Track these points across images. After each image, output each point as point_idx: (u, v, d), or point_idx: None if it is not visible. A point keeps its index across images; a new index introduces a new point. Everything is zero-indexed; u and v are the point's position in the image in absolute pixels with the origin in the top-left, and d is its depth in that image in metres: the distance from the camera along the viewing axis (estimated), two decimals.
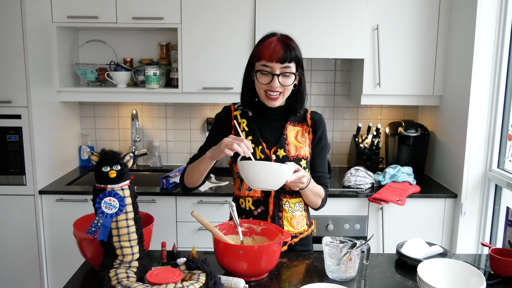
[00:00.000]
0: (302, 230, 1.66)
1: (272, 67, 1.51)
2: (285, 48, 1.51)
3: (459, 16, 2.54)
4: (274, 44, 1.51)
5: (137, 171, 3.03)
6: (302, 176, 1.48)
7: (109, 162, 1.32)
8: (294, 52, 1.52)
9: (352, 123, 3.13)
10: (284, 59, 1.50)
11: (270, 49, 1.50)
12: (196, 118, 3.11)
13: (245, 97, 1.62)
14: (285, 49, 1.50)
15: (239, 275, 1.36)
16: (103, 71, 2.93)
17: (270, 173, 1.42)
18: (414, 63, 2.69)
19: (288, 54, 1.50)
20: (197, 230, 2.57)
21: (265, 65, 1.51)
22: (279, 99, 1.56)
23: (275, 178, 1.43)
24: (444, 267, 1.37)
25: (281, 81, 1.52)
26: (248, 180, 1.45)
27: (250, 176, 1.43)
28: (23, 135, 2.45)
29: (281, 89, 1.53)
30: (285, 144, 1.60)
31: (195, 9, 2.62)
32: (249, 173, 1.43)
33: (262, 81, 1.53)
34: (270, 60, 1.50)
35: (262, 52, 1.51)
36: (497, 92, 2.38)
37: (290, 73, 1.52)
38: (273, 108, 1.60)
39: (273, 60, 1.49)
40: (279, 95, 1.54)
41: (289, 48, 1.51)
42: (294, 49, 1.52)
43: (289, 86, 1.54)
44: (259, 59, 1.53)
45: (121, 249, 1.32)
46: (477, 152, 2.46)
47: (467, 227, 2.51)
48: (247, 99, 1.62)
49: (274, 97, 1.54)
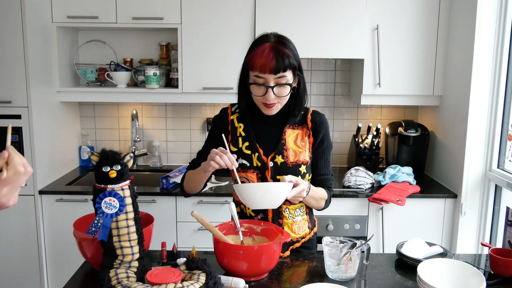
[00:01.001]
0: (304, 234, 1.65)
1: (265, 78, 1.43)
2: (278, 57, 1.41)
3: (459, 16, 2.54)
4: (266, 53, 1.41)
5: (137, 171, 3.03)
6: (302, 190, 1.44)
7: (109, 162, 1.32)
8: (288, 59, 1.42)
9: (352, 123, 3.13)
10: (277, 69, 1.41)
11: (262, 59, 1.41)
12: (196, 118, 3.11)
13: (242, 103, 1.57)
14: (277, 59, 1.40)
15: (239, 275, 1.36)
16: (103, 71, 2.93)
17: (268, 193, 1.36)
18: (414, 63, 2.69)
19: (281, 64, 1.41)
20: (197, 230, 2.57)
21: (258, 76, 1.44)
22: (275, 107, 1.50)
23: (273, 198, 1.38)
24: (444, 267, 1.37)
25: (277, 92, 1.45)
26: (246, 202, 1.40)
27: (248, 198, 1.38)
28: (23, 135, 2.45)
29: (276, 100, 1.48)
30: (284, 150, 1.55)
31: (195, 9, 2.62)
32: (246, 196, 1.38)
33: (256, 93, 1.47)
34: (263, 72, 1.42)
35: (254, 61, 1.43)
36: (497, 92, 2.38)
37: (285, 84, 1.45)
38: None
39: (266, 71, 1.41)
40: (275, 104, 1.49)
41: (282, 56, 1.41)
42: (288, 56, 1.42)
43: (285, 96, 1.48)
44: (251, 68, 1.45)
45: (121, 249, 1.32)
46: (477, 152, 2.46)
47: (467, 227, 2.51)
48: (243, 106, 1.57)
49: (271, 105, 1.48)
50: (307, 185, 1.49)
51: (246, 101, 1.56)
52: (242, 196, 1.40)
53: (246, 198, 1.39)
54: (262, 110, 1.53)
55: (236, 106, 1.64)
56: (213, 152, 1.40)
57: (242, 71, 1.54)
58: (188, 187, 1.63)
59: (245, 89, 1.53)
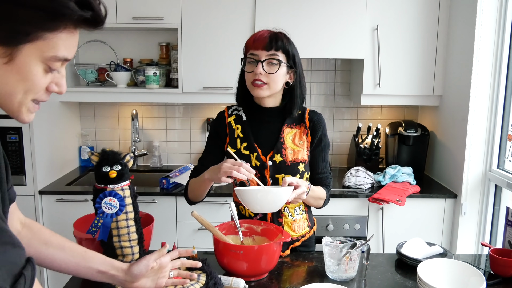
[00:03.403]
0: (304, 233, 1.65)
1: (258, 55, 1.50)
2: (272, 36, 1.50)
3: (459, 16, 2.54)
4: (262, 32, 1.52)
5: (137, 171, 3.03)
6: (302, 193, 1.45)
7: (109, 162, 1.32)
8: (282, 42, 1.50)
9: (352, 123, 3.13)
10: (269, 46, 1.48)
11: (257, 37, 1.51)
12: (196, 118, 3.11)
13: (238, 92, 1.62)
14: (271, 38, 1.50)
15: (239, 275, 1.36)
16: (103, 71, 2.93)
17: (268, 197, 1.40)
18: (414, 63, 2.69)
19: (274, 43, 1.49)
20: (197, 230, 2.57)
21: (252, 54, 1.51)
22: (264, 88, 1.51)
23: (274, 202, 1.41)
24: (444, 267, 1.37)
25: (266, 69, 1.49)
26: (247, 206, 1.44)
27: (249, 202, 1.42)
28: (23, 135, 2.45)
29: (265, 78, 1.49)
30: (282, 149, 1.56)
31: (195, 9, 2.62)
32: (247, 200, 1.41)
33: (247, 69, 1.53)
34: (256, 48, 1.50)
35: (250, 41, 1.53)
36: (497, 92, 2.38)
37: (276, 60, 1.49)
38: (268, 109, 1.58)
39: (259, 47, 1.49)
40: (264, 84, 1.50)
41: (276, 37, 1.50)
42: (282, 39, 1.51)
43: (273, 74, 1.49)
44: (247, 49, 1.54)
45: (121, 249, 1.32)
46: (477, 152, 2.46)
47: (467, 227, 2.51)
48: (239, 95, 1.62)
49: (259, 84, 1.50)
50: (307, 186, 1.50)
51: (242, 91, 1.61)
52: (243, 199, 1.42)
53: (247, 202, 1.41)
54: (251, 91, 1.55)
55: (233, 108, 1.65)
56: (227, 168, 1.39)
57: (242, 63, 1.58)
58: (193, 195, 1.64)
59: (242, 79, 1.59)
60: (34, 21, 0.72)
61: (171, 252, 1.20)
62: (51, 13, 0.72)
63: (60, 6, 0.73)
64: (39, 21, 0.72)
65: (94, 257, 1.11)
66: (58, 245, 1.09)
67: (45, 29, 0.73)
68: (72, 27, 0.77)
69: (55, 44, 0.75)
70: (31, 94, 0.77)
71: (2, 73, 0.73)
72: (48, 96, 0.81)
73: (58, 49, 0.76)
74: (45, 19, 0.73)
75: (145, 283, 1.13)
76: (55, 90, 0.81)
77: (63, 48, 0.77)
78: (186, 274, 1.24)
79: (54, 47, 0.75)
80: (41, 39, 0.74)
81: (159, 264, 1.14)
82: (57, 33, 0.75)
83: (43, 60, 0.76)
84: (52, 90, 0.80)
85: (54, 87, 0.80)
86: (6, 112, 0.79)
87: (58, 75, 0.80)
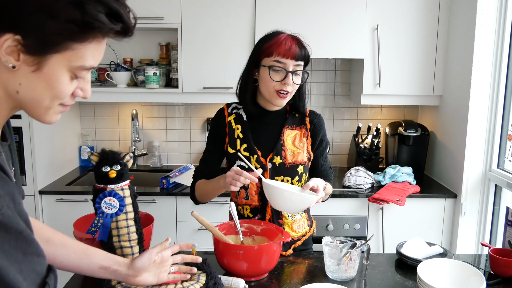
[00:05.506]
0: (304, 232, 1.65)
1: (285, 64, 1.45)
2: (300, 45, 1.48)
3: (459, 16, 2.54)
4: (290, 41, 1.47)
5: (137, 171, 3.03)
6: (320, 199, 1.46)
7: (109, 162, 1.32)
8: (305, 51, 1.49)
9: (352, 123, 3.13)
10: (299, 56, 1.46)
11: (286, 45, 1.45)
12: (196, 118, 3.11)
13: (247, 96, 1.55)
14: (299, 47, 1.47)
15: (239, 275, 1.36)
16: (103, 71, 2.93)
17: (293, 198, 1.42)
18: (414, 63, 2.69)
19: (302, 52, 1.47)
20: (197, 230, 2.57)
21: (278, 61, 1.45)
22: (287, 97, 1.50)
23: (300, 205, 1.45)
24: (444, 267, 1.37)
25: (294, 79, 1.47)
26: (271, 201, 1.46)
27: (274, 199, 1.44)
28: (23, 135, 2.45)
29: (290, 88, 1.48)
30: (282, 150, 1.55)
31: (195, 9, 2.62)
32: (273, 197, 1.43)
33: (274, 78, 1.46)
34: (286, 56, 1.45)
35: (277, 47, 1.45)
36: (497, 92, 2.38)
37: (301, 71, 1.49)
38: (270, 111, 1.57)
39: (289, 56, 1.45)
40: (288, 94, 1.49)
41: (302, 46, 1.49)
42: (305, 48, 1.50)
43: (298, 85, 1.50)
44: (270, 54, 1.46)
45: (121, 249, 1.32)
46: (477, 152, 2.46)
47: (467, 227, 2.51)
48: (249, 99, 1.55)
49: (285, 95, 1.48)
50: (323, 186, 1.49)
51: (251, 95, 1.56)
52: (268, 193, 1.44)
53: (272, 198, 1.44)
54: (272, 100, 1.51)
55: (233, 106, 1.63)
56: (230, 177, 1.41)
57: (248, 64, 1.55)
58: (204, 198, 1.65)
59: (251, 83, 1.54)
60: (65, 32, 0.72)
61: (172, 246, 1.21)
62: (82, 25, 0.72)
63: (91, 19, 0.72)
64: (69, 33, 0.72)
65: (96, 253, 1.11)
66: (59, 242, 1.09)
67: (74, 40, 0.74)
68: (101, 37, 0.77)
69: (83, 54, 0.76)
70: (58, 100, 0.78)
71: (30, 81, 0.74)
72: (73, 100, 0.82)
73: (85, 59, 0.76)
74: (76, 31, 0.73)
75: (147, 278, 1.13)
76: (80, 95, 0.81)
77: (90, 57, 0.77)
78: (186, 269, 1.24)
79: (82, 57, 0.76)
80: (70, 49, 0.74)
81: (160, 257, 1.14)
82: (86, 44, 0.75)
83: (70, 69, 0.76)
84: (77, 95, 0.81)
85: (79, 92, 0.81)
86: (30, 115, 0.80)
87: (83, 81, 0.81)
